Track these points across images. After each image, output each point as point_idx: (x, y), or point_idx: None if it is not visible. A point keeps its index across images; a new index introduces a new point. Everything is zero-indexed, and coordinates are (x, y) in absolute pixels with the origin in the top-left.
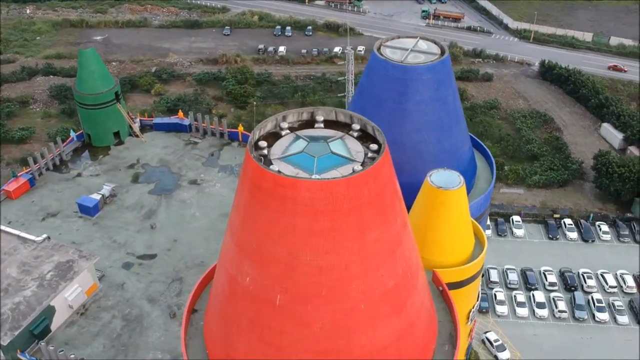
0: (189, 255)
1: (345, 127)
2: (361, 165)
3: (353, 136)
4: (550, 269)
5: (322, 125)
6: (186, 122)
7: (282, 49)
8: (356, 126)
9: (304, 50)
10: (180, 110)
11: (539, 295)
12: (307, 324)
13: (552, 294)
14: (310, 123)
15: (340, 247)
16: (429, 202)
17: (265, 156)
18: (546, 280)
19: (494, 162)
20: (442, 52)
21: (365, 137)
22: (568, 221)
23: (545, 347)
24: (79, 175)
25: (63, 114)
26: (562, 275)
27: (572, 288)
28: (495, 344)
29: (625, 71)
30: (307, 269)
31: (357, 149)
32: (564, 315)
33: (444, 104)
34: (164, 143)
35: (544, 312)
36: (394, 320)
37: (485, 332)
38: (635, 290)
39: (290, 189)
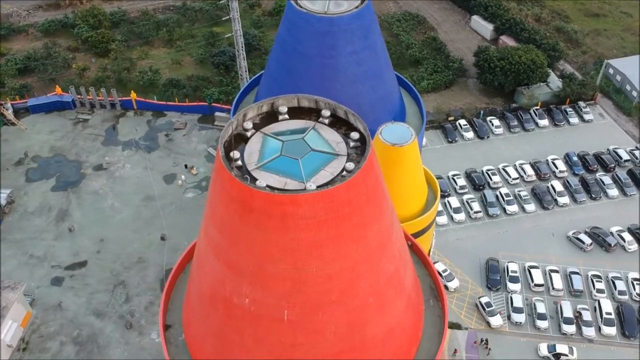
0: (124, 254)
1: (310, 112)
2: (347, 157)
3: (324, 123)
4: (457, 172)
5: (286, 116)
6: (68, 97)
7: None
8: (326, 112)
9: None
10: (57, 86)
11: (454, 201)
12: (320, 331)
13: (465, 197)
14: (272, 115)
15: (345, 250)
16: (384, 160)
17: (241, 167)
18: (456, 185)
19: (420, 98)
20: None
21: (336, 122)
22: (463, 122)
23: (469, 249)
24: None
25: None
26: (468, 176)
27: (480, 187)
28: (444, 274)
29: None
30: (315, 279)
31: (335, 139)
32: (479, 215)
33: (374, 50)
34: (49, 127)
35: (461, 216)
36: (397, 301)
37: (434, 263)
38: (535, 178)
39: (290, 205)
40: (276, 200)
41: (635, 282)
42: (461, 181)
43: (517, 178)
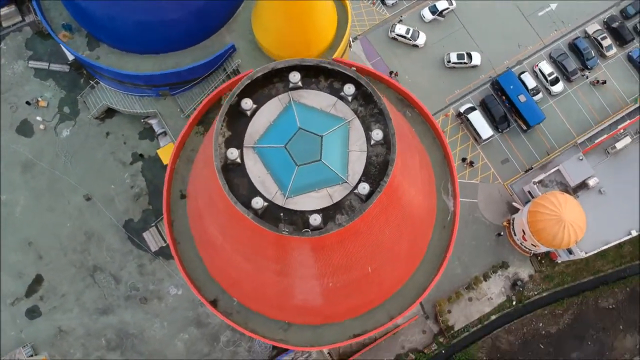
0: (66, 241)
1: (269, 80)
2: (358, 117)
3: (299, 86)
4: None
5: (253, 106)
6: None
7: None
8: (294, 76)
9: None
10: None
11: None
12: (395, 259)
13: None
14: (236, 110)
15: (404, 205)
16: (290, 14)
17: (268, 207)
18: None
19: None
20: None
21: (306, 76)
22: None
23: None
24: None
25: None
26: None
27: None
28: (408, 34)
29: None
30: (388, 241)
31: (326, 101)
32: None
33: None
34: None
35: None
36: (431, 197)
37: (392, 29)
38: None
39: (362, 224)
40: (349, 229)
41: None
42: None
43: None
